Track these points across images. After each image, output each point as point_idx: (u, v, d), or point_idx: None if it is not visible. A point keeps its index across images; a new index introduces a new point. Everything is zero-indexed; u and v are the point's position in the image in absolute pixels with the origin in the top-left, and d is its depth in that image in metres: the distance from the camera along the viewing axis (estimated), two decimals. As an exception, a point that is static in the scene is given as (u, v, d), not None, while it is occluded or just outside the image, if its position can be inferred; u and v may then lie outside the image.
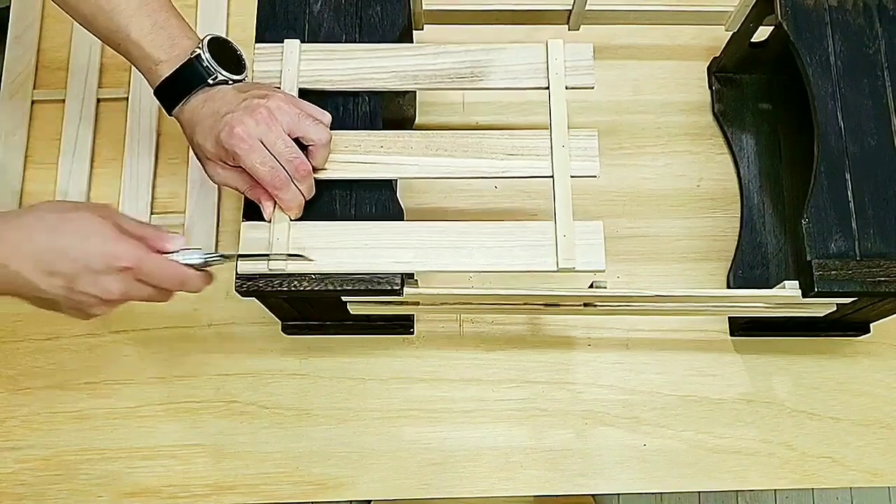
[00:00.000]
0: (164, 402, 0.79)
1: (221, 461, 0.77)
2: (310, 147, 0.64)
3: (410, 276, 0.70)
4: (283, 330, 0.80)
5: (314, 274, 0.64)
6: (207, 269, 0.62)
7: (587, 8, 0.77)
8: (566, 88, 0.69)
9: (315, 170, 0.65)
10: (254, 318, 0.80)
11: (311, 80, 0.69)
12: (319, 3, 0.72)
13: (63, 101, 0.86)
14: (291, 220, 0.65)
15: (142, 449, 0.77)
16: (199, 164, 0.67)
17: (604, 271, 0.64)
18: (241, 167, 0.63)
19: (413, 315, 0.80)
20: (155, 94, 0.66)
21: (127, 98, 0.86)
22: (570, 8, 0.77)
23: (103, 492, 0.76)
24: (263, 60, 0.69)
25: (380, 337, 0.80)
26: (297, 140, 0.64)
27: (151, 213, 0.83)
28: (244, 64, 0.67)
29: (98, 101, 0.87)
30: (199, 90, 0.64)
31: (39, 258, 0.56)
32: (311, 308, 0.75)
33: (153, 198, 0.84)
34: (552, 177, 0.66)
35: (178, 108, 0.65)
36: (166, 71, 0.64)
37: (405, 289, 0.65)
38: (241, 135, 0.61)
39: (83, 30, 0.88)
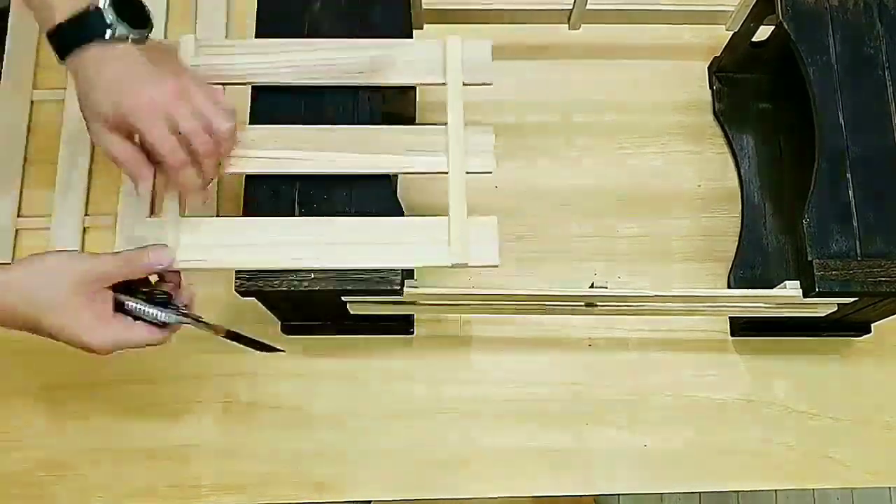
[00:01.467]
0: (165, 401, 0.79)
1: (222, 461, 0.77)
2: (214, 136, 0.62)
3: (411, 275, 0.70)
4: (282, 330, 0.80)
5: (314, 273, 0.64)
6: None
7: (587, 8, 0.77)
8: (464, 85, 0.69)
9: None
10: (254, 318, 0.79)
11: (206, 76, 0.68)
12: (319, 2, 0.72)
13: (63, 100, 0.86)
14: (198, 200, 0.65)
15: (142, 449, 0.77)
16: (83, 118, 0.63)
17: (497, 266, 0.64)
18: (129, 137, 0.61)
19: (413, 315, 0.80)
20: (48, 37, 0.61)
21: (127, 98, 0.86)
22: (570, 8, 0.77)
23: (103, 492, 0.76)
24: None
25: (380, 337, 0.80)
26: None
27: (151, 213, 0.83)
28: (148, 18, 0.64)
29: (98, 100, 0.86)
30: (98, 42, 0.60)
31: (24, 322, 0.60)
32: (310, 308, 0.75)
33: (151, 208, 0.83)
34: (447, 173, 0.66)
35: (71, 55, 0.61)
36: (60, 18, 0.60)
37: (405, 289, 0.65)
38: (147, 107, 0.59)
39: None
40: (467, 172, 0.67)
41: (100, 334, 0.60)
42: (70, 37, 0.61)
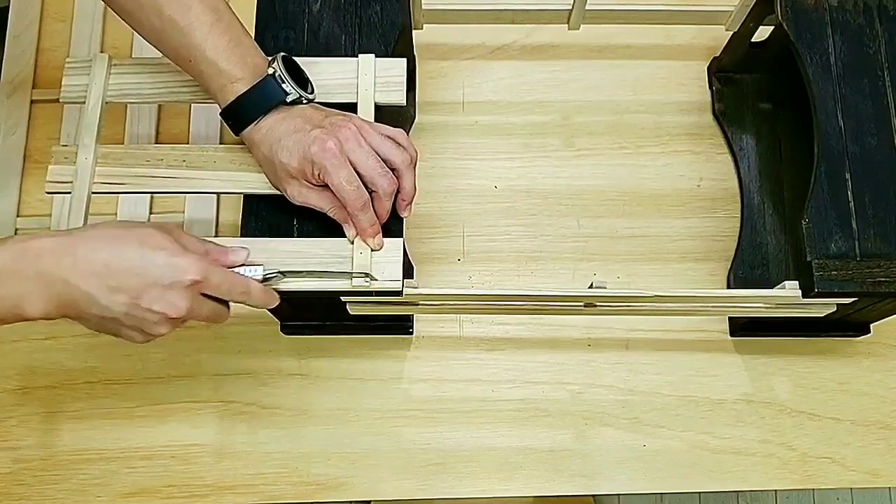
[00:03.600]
0: (163, 402, 0.79)
1: (221, 461, 0.77)
2: (394, 172, 0.64)
3: (410, 275, 0.69)
4: (282, 330, 0.80)
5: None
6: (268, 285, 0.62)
7: (587, 8, 0.77)
8: (376, 105, 0.68)
9: (400, 192, 0.64)
10: (253, 319, 0.79)
11: (118, 94, 0.70)
12: (319, 2, 0.72)
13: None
14: (372, 248, 0.64)
15: (141, 449, 0.77)
16: (275, 184, 0.65)
17: (400, 292, 0.64)
18: (323, 186, 0.62)
19: (412, 315, 0.80)
20: (224, 111, 0.64)
21: (126, 98, 0.86)
22: (569, 8, 0.77)
23: (102, 492, 0.76)
24: (72, 74, 0.70)
25: (379, 337, 0.80)
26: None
27: (150, 213, 0.83)
28: (308, 79, 0.66)
29: (97, 100, 0.87)
30: (275, 108, 0.63)
31: (103, 273, 0.54)
32: (310, 308, 0.75)
33: (152, 197, 0.83)
34: None
35: (251, 126, 0.63)
36: (242, 88, 0.62)
37: (405, 289, 0.65)
38: (334, 149, 0.60)
39: (82, 30, 0.89)
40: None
41: (192, 257, 0.57)
42: (254, 106, 0.63)
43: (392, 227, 0.66)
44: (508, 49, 0.90)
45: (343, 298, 0.68)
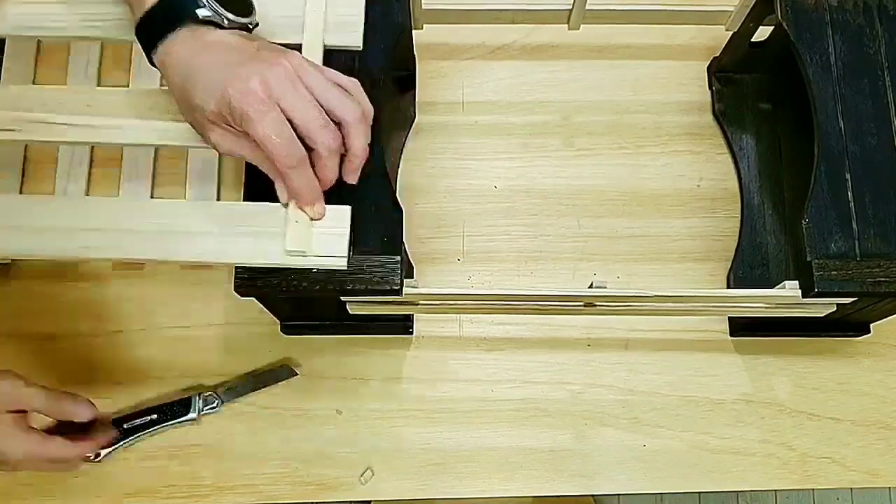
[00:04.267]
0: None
1: (221, 461, 0.77)
2: (340, 127, 0.53)
3: (410, 275, 0.69)
4: (282, 330, 0.80)
5: (313, 273, 0.64)
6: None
7: (587, 8, 0.77)
8: (325, 47, 0.59)
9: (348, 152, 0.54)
10: (253, 318, 0.79)
11: (18, 26, 0.59)
12: (319, 2, 0.71)
13: (62, 100, 0.86)
14: (311, 217, 0.55)
15: (141, 449, 0.77)
16: (197, 130, 0.55)
17: (345, 266, 0.57)
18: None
19: (412, 315, 0.80)
20: (136, 28, 0.54)
21: (126, 98, 0.86)
22: (569, 8, 0.77)
23: (102, 492, 0.76)
24: None
25: (379, 337, 0.80)
26: None
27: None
28: (252, 6, 0.56)
29: (97, 100, 0.86)
30: (185, 25, 0.52)
31: None
32: (310, 308, 0.75)
33: (152, 196, 0.83)
34: None
35: (159, 47, 0.53)
36: (151, 2, 0.53)
37: (404, 289, 0.65)
38: (257, 92, 0.49)
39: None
40: None
41: (20, 440, 0.57)
42: (160, 22, 0.53)
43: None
44: (508, 49, 0.90)
45: (343, 298, 0.68)
